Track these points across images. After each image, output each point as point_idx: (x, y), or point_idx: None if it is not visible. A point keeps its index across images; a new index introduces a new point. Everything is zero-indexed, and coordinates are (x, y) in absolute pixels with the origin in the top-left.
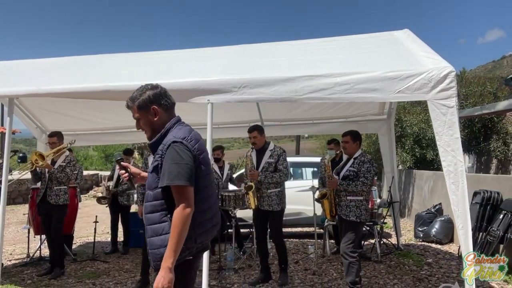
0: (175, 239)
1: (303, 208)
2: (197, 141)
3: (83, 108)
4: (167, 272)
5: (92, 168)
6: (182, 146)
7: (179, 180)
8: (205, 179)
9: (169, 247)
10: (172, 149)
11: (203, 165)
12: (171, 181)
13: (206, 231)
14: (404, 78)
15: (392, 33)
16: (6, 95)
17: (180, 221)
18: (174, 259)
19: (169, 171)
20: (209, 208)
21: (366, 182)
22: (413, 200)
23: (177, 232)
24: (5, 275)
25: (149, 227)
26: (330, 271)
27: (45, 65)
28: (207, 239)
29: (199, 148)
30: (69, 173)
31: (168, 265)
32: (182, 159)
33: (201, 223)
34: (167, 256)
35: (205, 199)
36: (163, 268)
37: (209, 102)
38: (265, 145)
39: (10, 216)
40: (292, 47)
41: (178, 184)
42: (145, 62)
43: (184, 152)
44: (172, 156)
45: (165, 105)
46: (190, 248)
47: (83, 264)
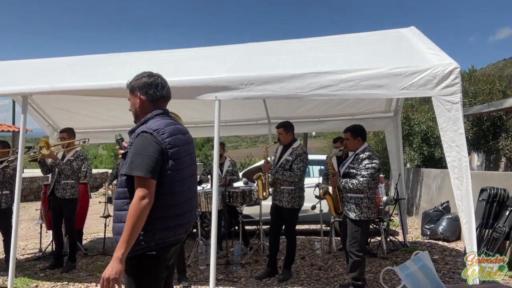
0: (128, 231)
1: (309, 206)
2: (171, 135)
3: (94, 106)
4: (117, 263)
5: (102, 167)
6: (151, 137)
7: (139, 171)
8: (174, 174)
9: (122, 238)
10: (139, 138)
11: (173, 159)
12: (130, 171)
13: (167, 228)
14: (409, 75)
15: (398, 31)
16: (20, 93)
17: (135, 212)
18: (125, 250)
19: (131, 161)
20: (174, 204)
21: (363, 179)
22: (420, 198)
23: (130, 223)
24: (19, 268)
25: (115, 213)
26: (336, 266)
27: (58, 64)
28: (169, 237)
29: (170, 142)
30: (75, 167)
31: (118, 255)
32: (146, 150)
33: (163, 219)
34: (118, 246)
35: (171, 194)
36: (113, 258)
37: (216, 99)
38: (291, 142)
39: (22, 213)
40: (298, 45)
41: (137, 175)
42: (154, 60)
43: (151, 144)
44: (138, 146)
45: (151, 95)
46: (148, 242)
47: (94, 259)
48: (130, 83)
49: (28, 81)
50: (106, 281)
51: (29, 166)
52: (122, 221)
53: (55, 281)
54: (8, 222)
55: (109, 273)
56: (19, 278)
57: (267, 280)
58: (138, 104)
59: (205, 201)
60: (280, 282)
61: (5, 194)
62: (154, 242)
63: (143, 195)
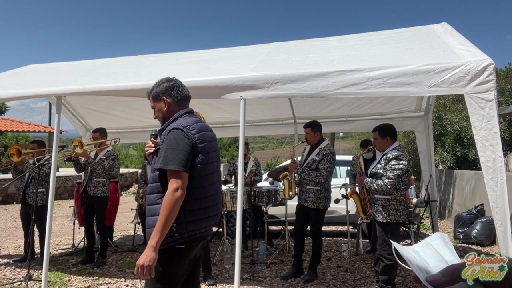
0: (162, 221)
1: (336, 207)
2: (200, 131)
3: (124, 107)
4: (151, 251)
5: (132, 167)
6: (182, 133)
7: (172, 164)
8: (203, 168)
9: (156, 228)
10: (171, 135)
11: (202, 154)
12: (164, 165)
13: (199, 220)
14: (440, 72)
15: (429, 27)
16: (54, 93)
17: (169, 204)
18: (158, 240)
19: (164, 156)
20: (203, 198)
21: (388, 181)
22: (453, 201)
23: (165, 214)
24: (52, 263)
25: (147, 207)
26: (363, 269)
27: (90, 66)
28: (199, 229)
29: (200, 138)
30: (106, 165)
31: (152, 244)
32: (178, 145)
33: (194, 211)
34: (152, 235)
35: (202, 188)
36: (148, 247)
37: (241, 98)
38: (319, 142)
39: (57, 210)
40: (325, 44)
41: (171, 168)
42: (182, 61)
43: (182, 139)
44: (170, 141)
45: (176, 96)
46: (181, 234)
47: (123, 255)
48: (152, 91)
49: (62, 82)
50: (141, 268)
51: (64, 165)
52: (155, 214)
53: (86, 275)
54: (44, 219)
55: (143, 260)
56: (53, 272)
57: (292, 280)
58: (165, 107)
59: (231, 200)
60: (306, 283)
61: (41, 192)
62: (187, 234)
63: (176, 187)
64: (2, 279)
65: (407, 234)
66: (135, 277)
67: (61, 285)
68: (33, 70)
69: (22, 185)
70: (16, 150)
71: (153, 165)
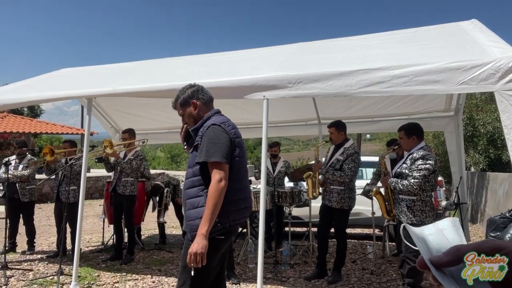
0: (210, 210)
1: (362, 209)
2: (234, 127)
3: (152, 108)
4: (202, 239)
5: (159, 168)
6: (220, 128)
7: (215, 157)
8: (239, 161)
9: (204, 217)
10: (211, 130)
11: (238, 148)
12: (207, 158)
13: (238, 210)
14: (468, 69)
15: (458, 24)
16: (85, 95)
17: (216, 193)
18: (208, 228)
19: (206, 149)
20: (241, 188)
21: (414, 181)
22: (486, 205)
23: (212, 203)
24: (83, 259)
25: (187, 201)
26: (389, 271)
27: (119, 69)
28: (239, 219)
29: (235, 133)
30: (134, 165)
31: (203, 232)
32: (219, 139)
33: (234, 201)
34: (202, 224)
35: (238, 179)
36: (198, 235)
37: (264, 98)
38: (343, 142)
39: (88, 209)
40: (349, 43)
41: (214, 160)
42: (206, 62)
43: (222, 134)
44: (210, 136)
45: (203, 99)
46: (223, 224)
47: (150, 253)
48: (178, 99)
49: (92, 85)
50: (194, 256)
51: (95, 166)
52: (198, 206)
53: (115, 272)
54: (75, 216)
55: (196, 248)
56: (83, 268)
57: (316, 281)
58: (196, 110)
59: (255, 200)
60: (329, 284)
61: (73, 190)
62: (228, 224)
63: (220, 177)
64: (36, 274)
65: None
66: (161, 274)
67: (91, 280)
68: (66, 74)
69: (56, 183)
70: (49, 149)
71: (192, 162)
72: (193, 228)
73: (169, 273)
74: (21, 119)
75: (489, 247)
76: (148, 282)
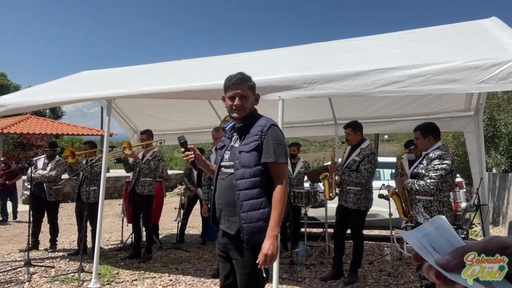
0: (279, 212)
1: (379, 210)
2: None
3: (170, 110)
4: (274, 240)
5: (177, 168)
6: (279, 129)
7: (283, 158)
8: None
9: (275, 218)
10: (273, 130)
11: None
12: (276, 159)
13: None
14: (487, 67)
15: (477, 22)
16: (104, 97)
17: (284, 196)
18: (278, 229)
19: (273, 150)
20: None
21: (431, 181)
22: (508, 207)
23: (282, 204)
24: (103, 257)
25: (245, 202)
26: (407, 273)
27: (137, 71)
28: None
29: None
30: (152, 166)
31: (275, 233)
32: (282, 140)
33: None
34: (272, 226)
35: None
36: (270, 237)
37: (280, 98)
38: (360, 142)
39: (107, 209)
40: (366, 42)
41: (282, 161)
42: (222, 64)
43: (282, 135)
44: (274, 137)
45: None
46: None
47: (168, 252)
48: (249, 80)
49: (112, 86)
50: (269, 257)
51: (114, 166)
52: (260, 208)
53: (133, 269)
54: (95, 215)
55: (271, 249)
56: (103, 266)
57: (332, 282)
58: (255, 102)
59: None
60: (346, 285)
61: (93, 190)
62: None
63: (286, 180)
64: (58, 271)
65: None
66: (178, 272)
67: (110, 278)
68: (86, 76)
69: (77, 183)
70: (70, 152)
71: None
72: (255, 230)
73: (186, 271)
74: (44, 121)
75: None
76: (166, 280)
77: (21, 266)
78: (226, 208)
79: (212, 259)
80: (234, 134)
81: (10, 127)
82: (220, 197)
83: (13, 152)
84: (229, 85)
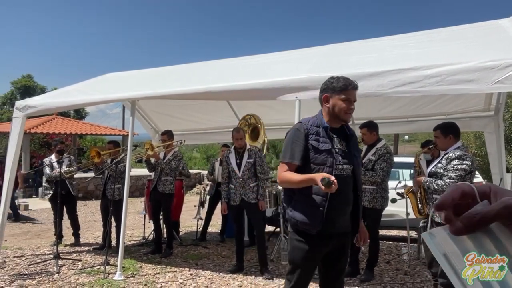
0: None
1: (396, 210)
2: None
3: (189, 110)
4: None
5: (196, 168)
6: None
7: None
8: None
9: None
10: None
11: None
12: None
13: None
14: (504, 68)
15: (496, 22)
16: (128, 98)
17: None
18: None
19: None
20: None
21: (450, 181)
22: None
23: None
24: (126, 252)
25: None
26: (423, 273)
27: (159, 73)
28: None
29: None
30: (173, 165)
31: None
32: None
33: None
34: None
35: None
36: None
37: (296, 99)
38: (375, 142)
39: (129, 207)
40: (382, 43)
41: None
42: (240, 65)
43: None
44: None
45: None
46: None
47: (188, 248)
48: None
49: (135, 88)
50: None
51: (136, 166)
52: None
53: (155, 264)
54: (120, 211)
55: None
56: (126, 260)
57: (348, 279)
58: None
59: None
60: (362, 282)
61: (117, 188)
62: None
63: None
64: (84, 264)
65: None
66: (198, 267)
67: (134, 271)
68: (111, 78)
69: (102, 181)
70: (96, 152)
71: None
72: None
73: (206, 267)
74: (68, 121)
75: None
76: (186, 274)
77: (51, 259)
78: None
79: (230, 256)
80: (334, 136)
81: (37, 127)
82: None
83: (39, 151)
84: (347, 88)
